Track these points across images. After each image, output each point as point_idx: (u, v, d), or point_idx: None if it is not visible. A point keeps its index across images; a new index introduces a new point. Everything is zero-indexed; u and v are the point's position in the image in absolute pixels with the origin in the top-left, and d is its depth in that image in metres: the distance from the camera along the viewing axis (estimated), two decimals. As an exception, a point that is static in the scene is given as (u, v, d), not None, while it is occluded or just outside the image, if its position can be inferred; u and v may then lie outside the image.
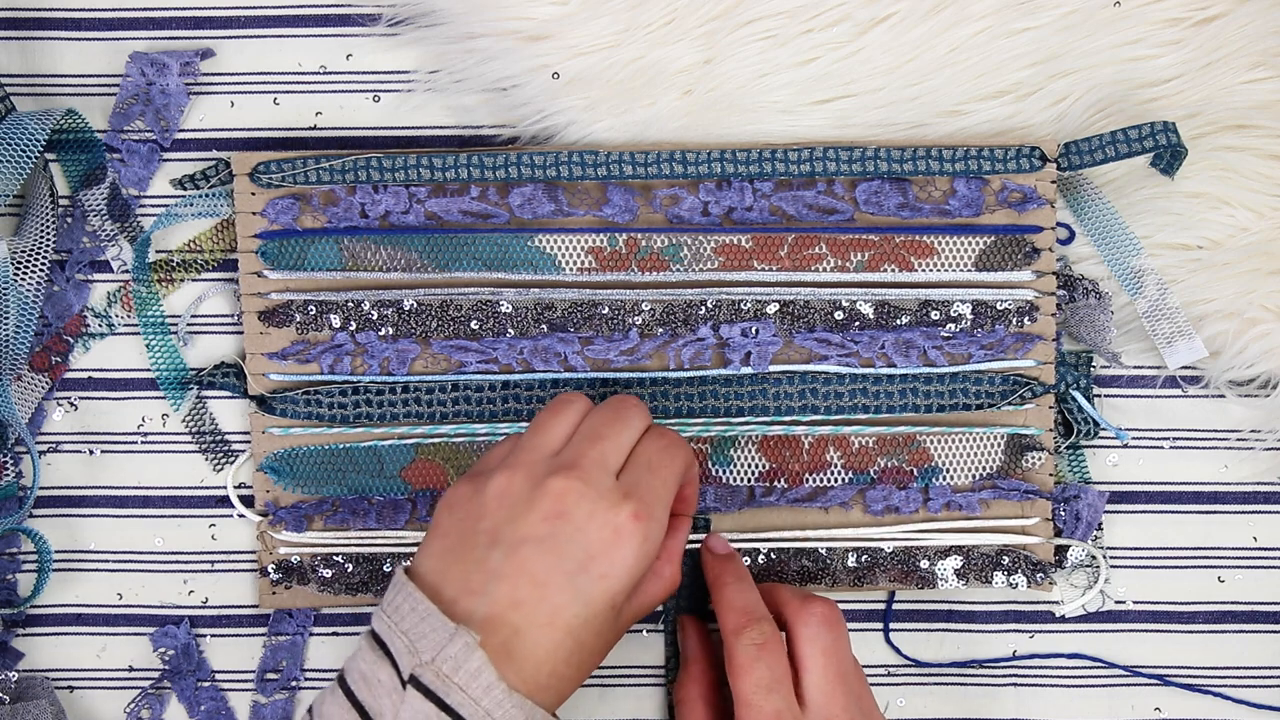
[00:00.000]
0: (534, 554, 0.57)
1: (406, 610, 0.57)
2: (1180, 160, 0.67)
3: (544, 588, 0.57)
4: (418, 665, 0.56)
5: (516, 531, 0.58)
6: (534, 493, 0.58)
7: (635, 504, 0.58)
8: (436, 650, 0.56)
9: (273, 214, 0.69)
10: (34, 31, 0.71)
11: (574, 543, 0.57)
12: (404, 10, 0.70)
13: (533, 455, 0.60)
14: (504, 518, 0.58)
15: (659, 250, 0.68)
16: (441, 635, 0.56)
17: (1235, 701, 0.71)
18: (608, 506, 0.58)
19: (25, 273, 0.69)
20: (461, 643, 0.56)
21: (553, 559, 0.57)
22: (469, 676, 0.55)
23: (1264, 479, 0.71)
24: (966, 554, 0.69)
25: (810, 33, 0.69)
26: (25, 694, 0.70)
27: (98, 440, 0.72)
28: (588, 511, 0.58)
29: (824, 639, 0.62)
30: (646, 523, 0.58)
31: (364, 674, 0.57)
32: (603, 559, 0.58)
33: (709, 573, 0.67)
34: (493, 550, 0.58)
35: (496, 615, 0.57)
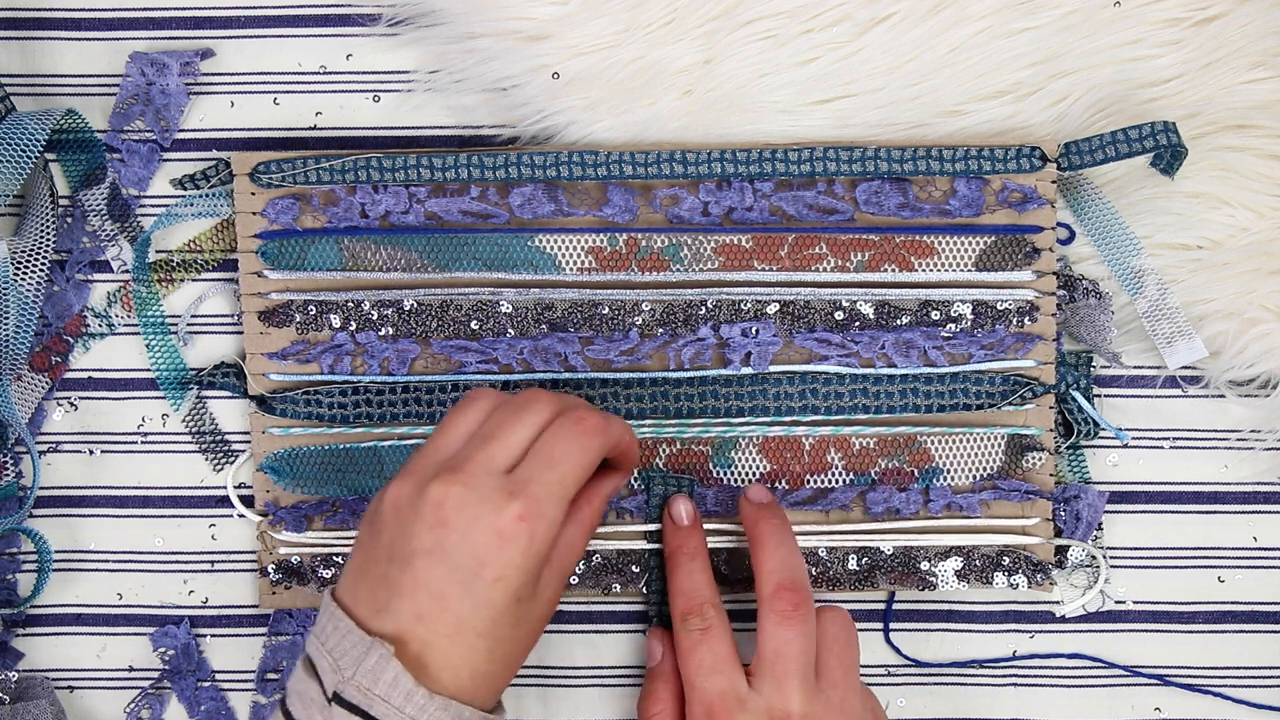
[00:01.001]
0: (425, 566, 0.57)
1: (330, 629, 0.58)
2: (1180, 160, 0.67)
3: (443, 599, 0.57)
4: (340, 682, 0.56)
5: (408, 545, 0.58)
6: (418, 501, 0.58)
7: (521, 503, 0.57)
8: (356, 665, 0.56)
9: (273, 214, 0.69)
10: (34, 31, 0.71)
11: (460, 550, 0.57)
12: (404, 10, 0.70)
13: (426, 460, 0.60)
14: (397, 531, 0.58)
15: (659, 250, 0.68)
16: (359, 650, 0.57)
17: (1235, 701, 0.71)
18: (491, 510, 0.57)
19: (25, 273, 0.69)
20: (377, 655, 0.56)
21: (444, 570, 0.57)
22: (388, 687, 0.56)
23: (1264, 479, 0.71)
24: (967, 555, 0.69)
25: (810, 33, 0.69)
26: (25, 694, 0.70)
27: (98, 440, 0.72)
28: (470, 517, 0.57)
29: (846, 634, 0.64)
30: (533, 522, 0.57)
31: (299, 693, 0.58)
32: (493, 564, 0.57)
33: (667, 544, 0.68)
34: (391, 566, 0.58)
35: (404, 630, 0.57)
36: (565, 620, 0.71)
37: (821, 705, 0.61)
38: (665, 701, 0.65)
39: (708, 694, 0.62)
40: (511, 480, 0.58)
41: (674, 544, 0.67)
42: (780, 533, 0.65)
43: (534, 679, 0.72)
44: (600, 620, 0.72)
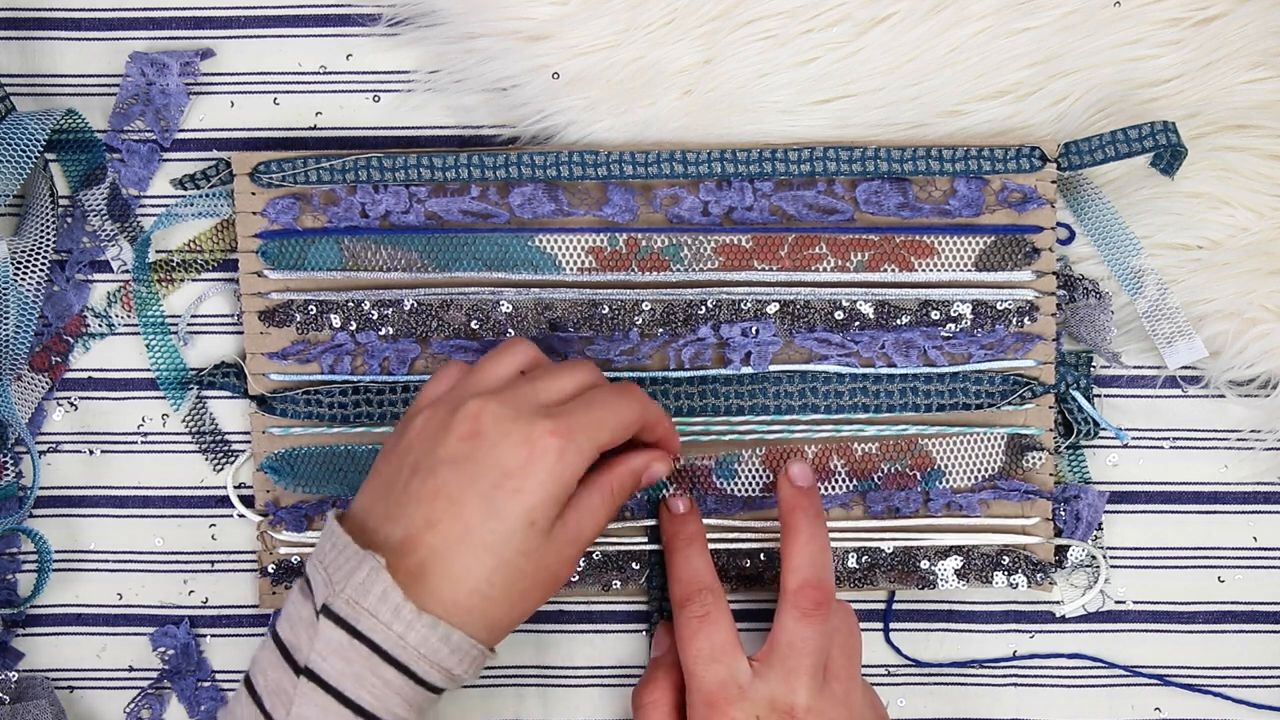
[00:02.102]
0: (449, 474, 0.57)
1: (327, 548, 0.58)
2: (1180, 160, 0.67)
3: (458, 505, 0.57)
4: (330, 595, 0.56)
5: (435, 456, 0.58)
6: (451, 418, 0.58)
7: (554, 422, 0.58)
8: (346, 579, 0.56)
9: (273, 214, 0.69)
10: (34, 31, 0.71)
11: (488, 460, 0.57)
12: (404, 10, 0.70)
13: (460, 392, 0.60)
14: (424, 448, 0.58)
15: (659, 250, 0.68)
16: (352, 564, 0.56)
17: (1235, 701, 0.71)
18: (524, 424, 0.57)
19: (25, 273, 0.69)
20: (367, 568, 0.56)
21: (467, 477, 0.57)
22: (377, 600, 0.55)
23: (1264, 479, 0.71)
24: (967, 554, 0.69)
25: (810, 33, 0.69)
26: (25, 694, 0.70)
27: (98, 440, 0.72)
28: (503, 429, 0.57)
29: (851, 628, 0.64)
30: (564, 441, 0.57)
31: (289, 615, 0.58)
32: (516, 474, 0.57)
33: (664, 532, 0.67)
34: (413, 478, 0.58)
35: (412, 536, 0.57)
36: (565, 620, 0.71)
37: (826, 699, 0.61)
38: (662, 690, 0.64)
39: (707, 683, 0.62)
40: (548, 409, 0.59)
41: (671, 531, 0.67)
42: (813, 525, 0.64)
43: (534, 679, 0.72)
44: (600, 620, 0.72)
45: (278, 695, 0.56)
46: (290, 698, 0.56)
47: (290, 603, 0.58)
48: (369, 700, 0.56)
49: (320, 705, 0.56)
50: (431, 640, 0.56)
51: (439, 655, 0.56)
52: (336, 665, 0.56)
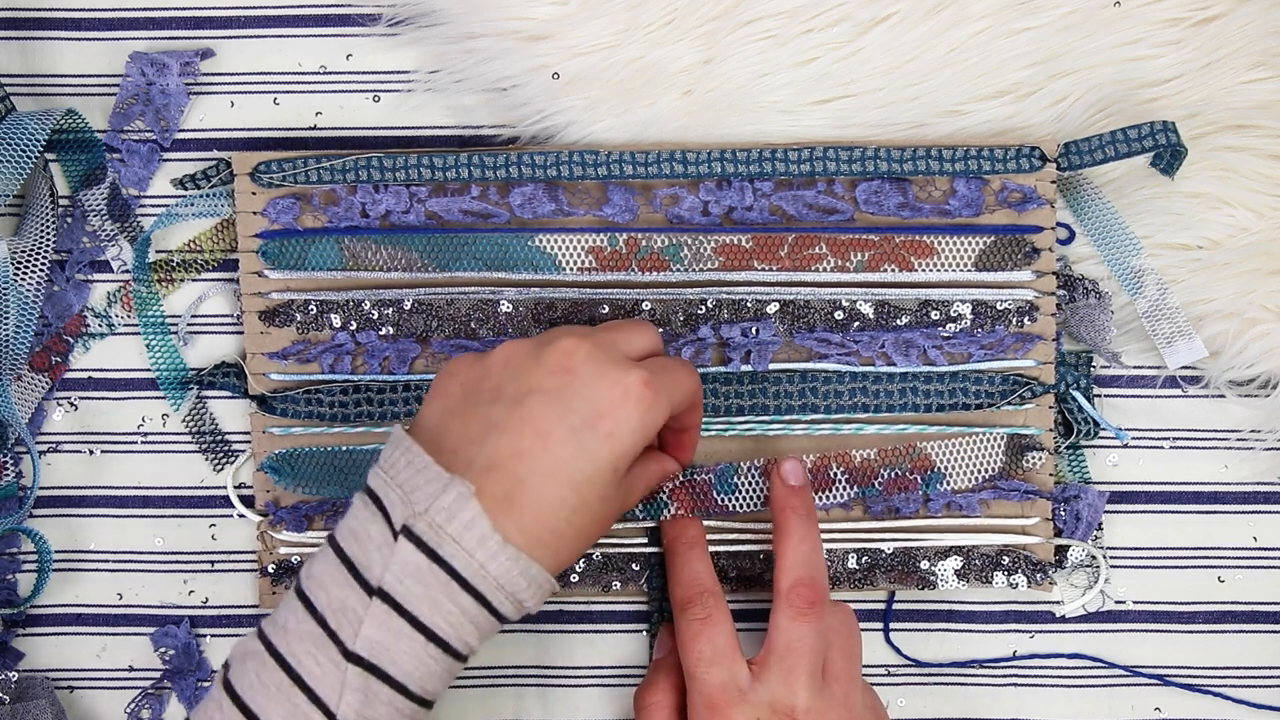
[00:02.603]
0: (539, 405, 0.56)
1: (403, 465, 0.56)
2: (1180, 160, 0.67)
3: (547, 438, 0.56)
4: (410, 516, 0.55)
5: (522, 385, 0.57)
6: (541, 351, 0.58)
7: (646, 373, 0.58)
8: (430, 501, 0.55)
9: (273, 214, 0.69)
10: (34, 31, 0.71)
11: (581, 397, 0.56)
12: (404, 10, 0.70)
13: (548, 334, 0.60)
14: (508, 376, 0.58)
15: (659, 250, 0.68)
16: (436, 486, 0.55)
17: (1235, 701, 0.71)
18: (620, 369, 0.57)
19: (25, 273, 0.69)
20: (455, 493, 0.55)
21: (558, 411, 0.56)
22: (462, 527, 0.54)
23: (1264, 479, 0.71)
24: (966, 554, 0.69)
25: (810, 33, 0.69)
26: (25, 694, 0.70)
27: (98, 440, 0.72)
28: (597, 370, 0.57)
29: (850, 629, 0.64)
30: (655, 393, 0.57)
31: (354, 531, 0.56)
32: (610, 417, 0.57)
33: (665, 535, 0.67)
34: (495, 404, 0.57)
35: (498, 464, 0.56)
36: (565, 620, 0.71)
37: (825, 701, 0.61)
38: (663, 692, 0.64)
39: (708, 685, 0.62)
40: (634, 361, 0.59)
41: (672, 534, 0.67)
42: (805, 525, 0.64)
43: (534, 679, 0.72)
44: (600, 620, 0.72)
45: (344, 614, 0.55)
46: (360, 618, 0.55)
47: (354, 517, 0.57)
48: (443, 626, 0.55)
49: (394, 629, 0.55)
50: (513, 572, 0.55)
51: (516, 586, 0.56)
52: (413, 589, 0.54)
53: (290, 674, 0.55)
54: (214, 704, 0.57)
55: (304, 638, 0.55)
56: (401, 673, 0.55)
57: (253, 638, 0.57)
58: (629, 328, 0.61)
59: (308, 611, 0.56)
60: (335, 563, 0.56)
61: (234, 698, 0.56)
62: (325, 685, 0.55)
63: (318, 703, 0.55)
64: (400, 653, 0.55)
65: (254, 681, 0.56)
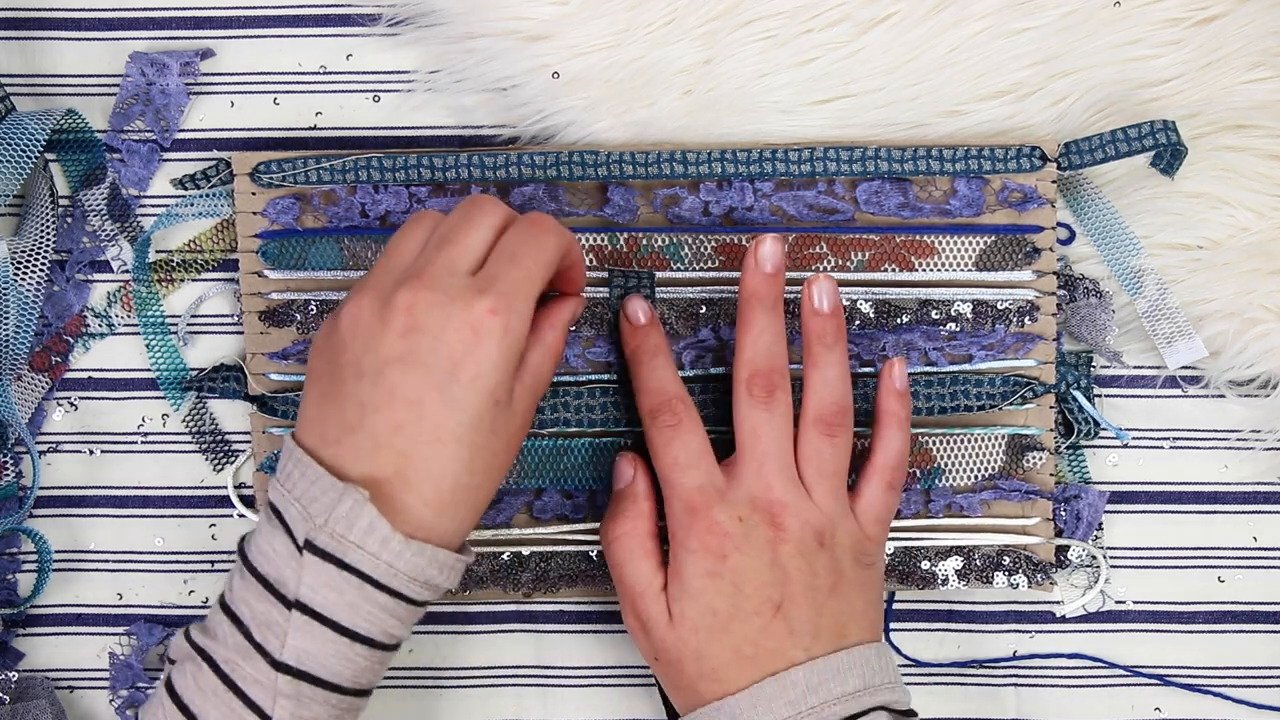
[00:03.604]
0: (399, 374, 0.56)
1: (297, 476, 0.57)
2: (1180, 160, 0.67)
3: (419, 405, 0.56)
4: (312, 530, 0.56)
5: (377, 356, 0.56)
6: (384, 311, 0.57)
7: (491, 298, 0.56)
8: (328, 512, 0.56)
9: (273, 214, 0.69)
10: (34, 31, 0.71)
11: (435, 353, 0.56)
12: (404, 10, 0.70)
13: (380, 276, 0.58)
14: (361, 346, 0.57)
15: (660, 249, 0.68)
16: (331, 496, 0.56)
17: (1235, 701, 0.71)
18: (461, 308, 0.56)
19: (25, 273, 0.69)
20: (351, 500, 0.55)
21: (419, 374, 0.56)
22: (363, 533, 0.55)
23: (1264, 479, 0.71)
24: (967, 554, 0.69)
25: (810, 33, 0.69)
26: (25, 694, 0.70)
27: (98, 440, 0.72)
28: (441, 318, 0.56)
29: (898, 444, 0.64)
30: (506, 315, 0.57)
31: (261, 549, 0.57)
32: (469, 362, 0.56)
33: (626, 346, 0.67)
34: (361, 382, 0.57)
35: (381, 444, 0.56)
36: (565, 620, 0.71)
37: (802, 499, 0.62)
38: (631, 521, 0.64)
39: (686, 489, 0.62)
40: (478, 280, 0.57)
41: (633, 344, 0.66)
42: (769, 315, 0.63)
43: (534, 679, 0.72)
44: (600, 620, 0.72)
45: (268, 628, 0.56)
46: (283, 630, 0.56)
47: (260, 534, 0.58)
48: (364, 626, 0.56)
49: (317, 636, 0.56)
50: (420, 564, 0.56)
51: (428, 575, 0.57)
52: (329, 597, 0.56)
53: (225, 680, 0.57)
54: (157, 703, 0.59)
55: (233, 649, 0.57)
56: (331, 673, 0.57)
57: (183, 640, 0.59)
58: (463, 228, 0.59)
59: (234, 625, 0.57)
60: (251, 579, 0.57)
61: (174, 698, 0.58)
62: (258, 691, 0.56)
63: (253, 707, 0.56)
64: (327, 656, 0.56)
65: (191, 684, 0.57)
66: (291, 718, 0.56)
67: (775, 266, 0.64)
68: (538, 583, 0.69)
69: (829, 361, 0.63)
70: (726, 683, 0.61)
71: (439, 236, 0.59)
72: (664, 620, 0.62)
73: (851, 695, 0.60)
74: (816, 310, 0.64)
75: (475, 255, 0.58)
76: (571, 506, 0.69)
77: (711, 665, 0.61)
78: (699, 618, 0.61)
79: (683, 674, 0.62)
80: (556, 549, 0.69)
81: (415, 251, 0.59)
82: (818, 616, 0.61)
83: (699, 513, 0.62)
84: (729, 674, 0.61)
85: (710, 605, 0.61)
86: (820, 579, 0.62)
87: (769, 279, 0.64)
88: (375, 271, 0.59)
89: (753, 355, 0.63)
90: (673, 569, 0.62)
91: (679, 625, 0.62)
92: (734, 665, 0.61)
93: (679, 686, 0.63)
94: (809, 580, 0.61)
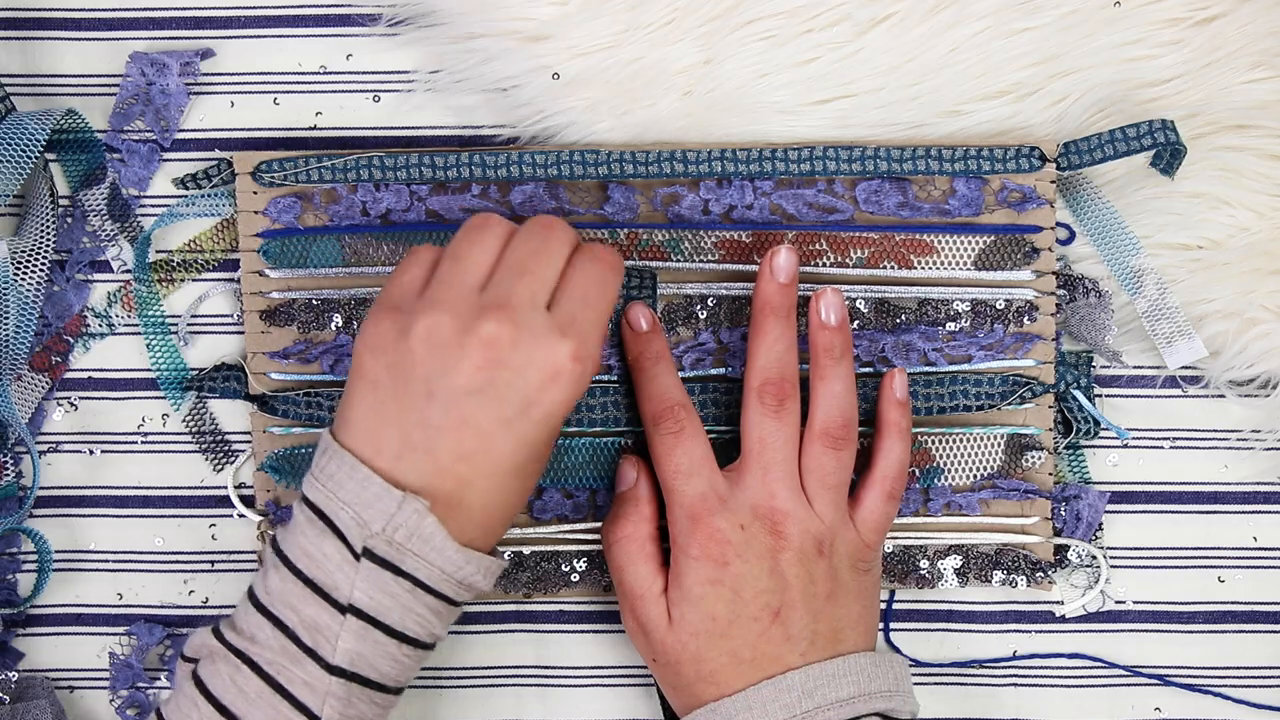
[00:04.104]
0: (474, 406, 0.57)
1: (343, 478, 0.57)
2: (1179, 159, 0.67)
3: (488, 439, 0.57)
4: (369, 537, 0.57)
5: (453, 382, 0.57)
6: (465, 339, 0.57)
7: (573, 343, 0.57)
8: (386, 520, 0.56)
9: (274, 213, 0.69)
10: (34, 31, 0.71)
11: (513, 389, 0.57)
12: (404, 10, 0.70)
13: (457, 291, 0.58)
14: (436, 368, 0.57)
15: (660, 244, 0.68)
16: (388, 504, 0.56)
17: (1235, 701, 0.71)
18: (546, 349, 0.57)
19: (25, 273, 0.69)
20: (411, 509, 0.56)
21: (494, 408, 0.57)
22: (422, 542, 0.57)
23: (1264, 479, 0.71)
24: (966, 553, 0.69)
25: (810, 33, 0.69)
26: (25, 694, 0.70)
27: (98, 440, 0.71)
28: (525, 357, 0.57)
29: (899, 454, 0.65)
30: (585, 363, 0.58)
31: (307, 551, 0.58)
32: (544, 401, 0.57)
33: (629, 352, 0.67)
34: (431, 404, 0.57)
35: (443, 469, 0.57)
36: (565, 620, 0.71)
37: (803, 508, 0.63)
38: (632, 524, 0.65)
39: (688, 497, 0.63)
40: (558, 319, 0.58)
41: (636, 351, 0.67)
42: (782, 325, 0.64)
43: (534, 679, 0.72)
44: (600, 620, 0.71)
45: (318, 631, 0.57)
46: (336, 633, 0.57)
47: (301, 534, 0.58)
48: (414, 628, 0.58)
49: (371, 640, 0.57)
50: (469, 569, 0.58)
51: (473, 580, 0.58)
52: (384, 602, 0.57)
53: (270, 682, 0.57)
54: (188, 702, 0.58)
55: (279, 652, 0.57)
56: (379, 674, 0.58)
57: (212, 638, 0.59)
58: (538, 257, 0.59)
59: (277, 628, 0.58)
60: (296, 583, 0.58)
61: (209, 698, 0.58)
62: (307, 693, 0.57)
63: (301, 709, 0.57)
64: (377, 658, 0.57)
65: (229, 686, 0.58)
66: (340, 717, 0.57)
67: (789, 276, 0.65)
68: (537, 583, 0.69)
69: (836, 375, 0.64)
70: (723, 685, 0.62)
71: (517, 263, 0.59)
72: (663, 623, 0.63)
73: (846, 701, 0.61)
74: (824, 324, 0.65)
75: (550, 288, 0.59)
76: (571, 506, 0.69)
77: (710, 668, 0.62)
78: (699, 622, 0.62)
79: (681, 676, 0.63)
80: (557, 548, 0.69)
81: (486, 266, 0.59)
82: (814, 622, 0.62)
83: (701, 520, 0.62)
84: (726, 677, 0.62)
85: (710, 611, 0.62)
86: (818, 586, 0.62)
87: (783, 289, 0.65)
88: (445, 282, 0.58)
89: (766, 364, 0.64)
90: (673, 574, 0.63)
91: (678, 629, 0.62)
92: (731, 668, 0.62)
93: (677, 687, 0.63)
94: (807, 588, 0.62)
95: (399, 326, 0.58)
